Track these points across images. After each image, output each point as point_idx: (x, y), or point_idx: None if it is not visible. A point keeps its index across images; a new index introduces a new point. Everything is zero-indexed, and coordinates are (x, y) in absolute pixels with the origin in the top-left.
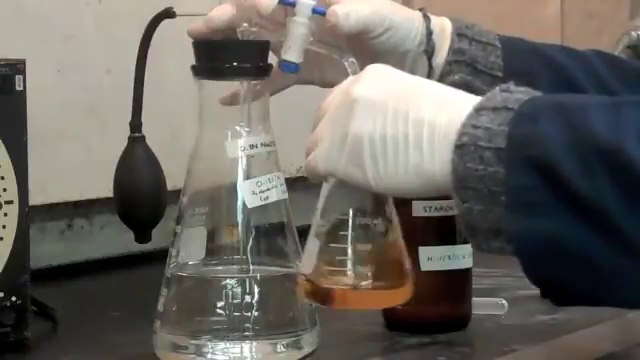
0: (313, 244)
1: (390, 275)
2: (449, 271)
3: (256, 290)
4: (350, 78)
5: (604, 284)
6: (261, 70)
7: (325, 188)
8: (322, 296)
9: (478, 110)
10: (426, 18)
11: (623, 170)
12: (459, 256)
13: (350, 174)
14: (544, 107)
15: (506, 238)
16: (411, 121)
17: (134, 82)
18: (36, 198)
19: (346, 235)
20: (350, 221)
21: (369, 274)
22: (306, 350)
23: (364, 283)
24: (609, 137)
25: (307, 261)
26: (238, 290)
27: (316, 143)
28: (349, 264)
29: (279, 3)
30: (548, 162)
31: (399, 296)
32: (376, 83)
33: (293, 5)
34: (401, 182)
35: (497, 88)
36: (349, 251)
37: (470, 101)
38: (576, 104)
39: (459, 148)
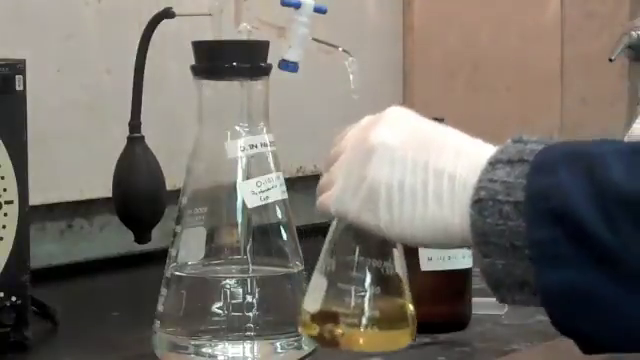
0: (320, 282)
1: (396, 318)
2: (449, 271)
3: (256, 290)
4: (367, 119)
5: (634, 333)
6: (261, 70)
7: (334, 225)
8: (329, 338)
9: (493, 164)
10: None
11: None
12: (459, 256)
13: (362, 219)
14: (560, 157)
15: (531, 290)
16: (431, 171)
17: (133, 82)
18: (36, 198)
19: (355, 276)
20: (360, 262)
21: (377, 317)
22: (306, 350)
23: (371, 326)
24: (630, 185)
25: (313, 299)
26: (238, 290)
27: (330, 183)
28: (357, 306)
29: (282, 5)
30: (569, 213)
31: (404, 338)
32: (395, 129)
33: (297, 7)
34: (416, 231)
35: (509, 140)
36: (358, 293)
37: (486, 152)
38: (593, 152)
39: (477, 203)
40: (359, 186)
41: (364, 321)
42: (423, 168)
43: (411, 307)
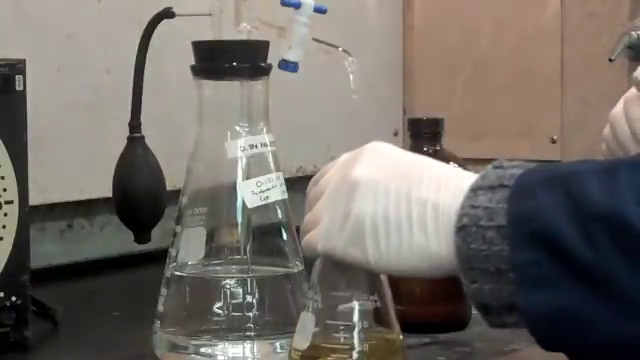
0: (309, 320)
1: (386, 351)
2: None
3: (256, 290)
4: (347, 155)
5: (621, 351)
6: (261, 70)
7: (319, 263)
8: None
9: (475, 190)
10: None
11: (625, 236)
12: None
13: (350, 254)
14: (539, 180)
15: (519, 313)
16: (414, 202)
17: (133, 83)
18: (36, 198)
19: (343, 312)
20: (347, 297)
21: (366, 351)
22: None
23: None
24: (607, 204)
25: (301, 336)
26: (238, 290)
27: (315, 222)
28: (347, 342)
29: (282, 5)
30: (550, 235)
31: None
32: (376, 163)
33: (297, 7)
34: (403, 262)
35: (490, 166)
36: (347, 328)
37: (467, 180)
38: (571, 173)
39: (461, 230)
40: (345, 221)
41: (354, 356)
42: (406, 198)
43: (401, 338)
